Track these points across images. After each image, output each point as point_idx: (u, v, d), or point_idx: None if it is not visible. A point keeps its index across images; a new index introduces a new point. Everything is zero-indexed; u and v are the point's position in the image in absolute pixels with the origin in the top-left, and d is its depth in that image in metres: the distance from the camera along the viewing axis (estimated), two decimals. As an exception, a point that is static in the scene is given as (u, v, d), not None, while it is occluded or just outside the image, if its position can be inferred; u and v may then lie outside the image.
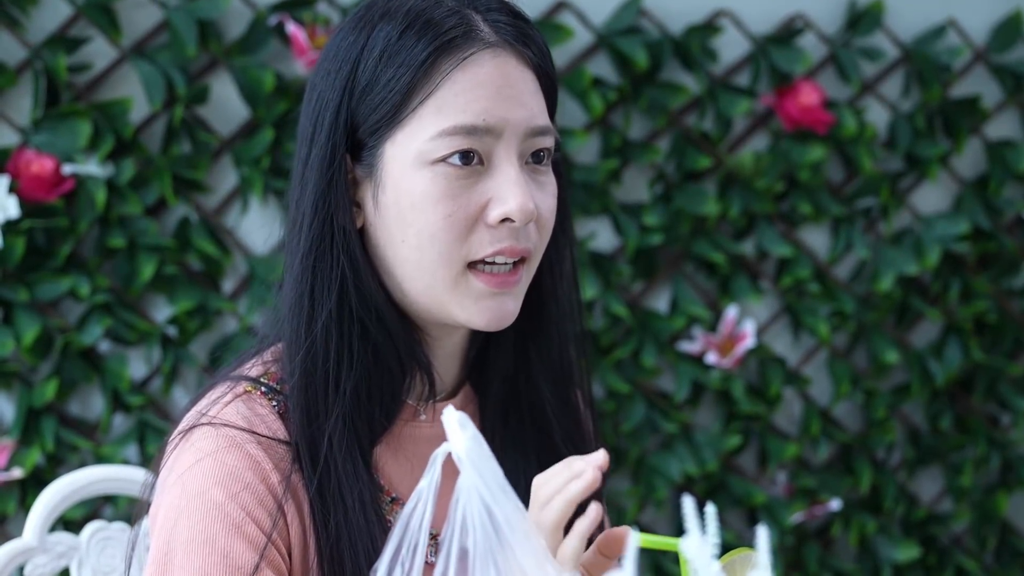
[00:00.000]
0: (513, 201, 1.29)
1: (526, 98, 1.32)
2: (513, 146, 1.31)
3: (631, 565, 0.93)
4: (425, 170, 1.30)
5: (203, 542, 1.27)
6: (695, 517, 0.96)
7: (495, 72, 1.31)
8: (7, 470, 2.21)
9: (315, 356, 1.33)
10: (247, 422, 1.32)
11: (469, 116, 1.30)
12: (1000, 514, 2.74)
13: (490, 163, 1.31)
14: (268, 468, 1.30)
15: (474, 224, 1.31)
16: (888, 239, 2.64)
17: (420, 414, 1.39)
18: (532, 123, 1.32)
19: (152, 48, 2.28)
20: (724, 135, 2.53)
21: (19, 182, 2.20)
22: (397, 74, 1.31)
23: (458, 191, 1.30)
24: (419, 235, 1.31)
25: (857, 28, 2.57)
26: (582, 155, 2.50)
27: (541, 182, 1.34)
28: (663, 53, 2.48)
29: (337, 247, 1.33)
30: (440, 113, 1.30)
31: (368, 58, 1.33)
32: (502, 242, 1.31)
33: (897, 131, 2.63)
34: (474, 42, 1.32)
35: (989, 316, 2.70)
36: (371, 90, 1.32)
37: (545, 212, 1.34)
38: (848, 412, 2.70)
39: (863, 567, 2.67)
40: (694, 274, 2.58)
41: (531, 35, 1.35)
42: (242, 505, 1.28)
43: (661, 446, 2.56)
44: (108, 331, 2.27)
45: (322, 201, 1.33)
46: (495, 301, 1.32)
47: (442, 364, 1.40)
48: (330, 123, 1.34)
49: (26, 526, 1.67)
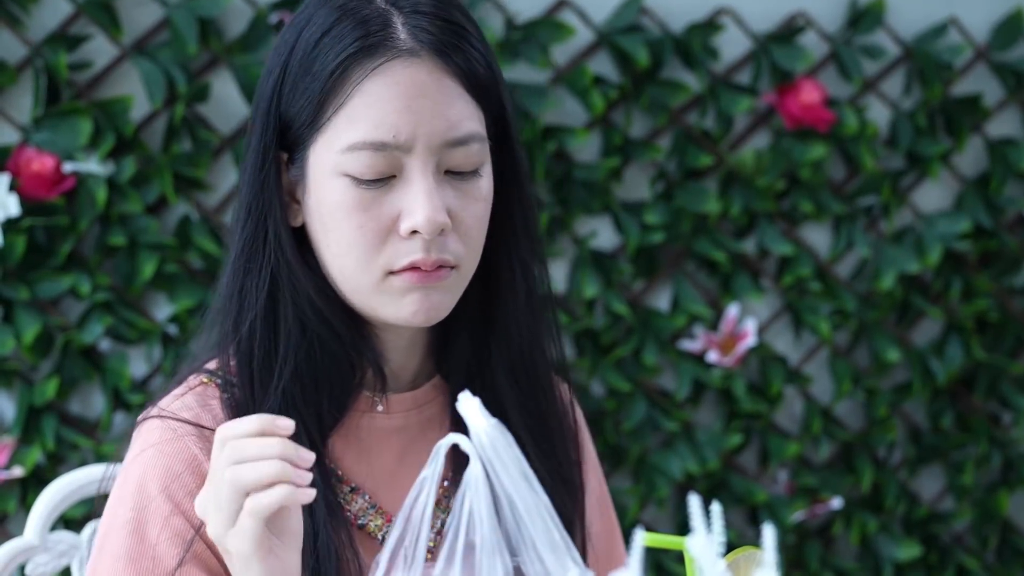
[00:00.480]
0: (421, 214, 1.28)
1: (442, 109, 1.29)
2: (425, 159, 1.29)
3: (636, 564, 0.93)
4: (338, 180, 1.29)
5: (132, 532, 1.30)
6: (700, 516, 0.96)
7: (407, 82, 1.28)
8: (8, 469, 2.21)
9: (246, 354, 1.34)
10: (194, 415, 1.34)
11: (379, 131, 1.28)
12: (1001, 513, 2.74)
13: (403, 175, 1.29)
14: (204, 461, 1.30)
15: (388, 235, 1.30)
16: (889, 237, 2.64)
17: (377, 405, 1.39)
18: (448, 135, 1.29)
19: (153, 46, 2.27)
20: (725, 133, 2.53)
21: (20, 180, 2.19)
22: (312, 83, 1.30)
23: (369, 203, 1.29)
24: (338, 242, 1.31)
25: (858, 26, 2.57)
26: (583, 153, 2.50)
27: (465, 190, 1.31)
28: (664, 51, 2.48)
29: (269, 247, 1.33)
30: (351, 125, 1.28)
31: (293, 60, 1.32)
32: (415, 254, 1.29)
33: (898, 129, 2.62)
34: (387, 50, 1.28)
35: (990, 314, 2.70)
36: (294, 94, 1.31)
37: (468, 220, 1.31)
38: (849, 411, 2.70)
39: (864, 566, 2.66)
40: (695, 272, 2.58)
41: (458, 41, 1.31)
42: (172, 497, 1.30)
43: (662, 445, 2.56)
44: (109, 330, 2.27)
45: (255, 201, 1.33)
46: (421, 294, 1.31)
47: (398, 357, 1.40)
48: (262, 123, 1.33)
49: (27, 525, 1.67)
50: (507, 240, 1.38)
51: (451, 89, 1.29)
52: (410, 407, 1.41)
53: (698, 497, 0.98)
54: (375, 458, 1.39)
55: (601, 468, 1.57)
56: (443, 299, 1.33)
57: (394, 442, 1.40)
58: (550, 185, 2.46)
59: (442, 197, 1.29)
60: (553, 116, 2.46)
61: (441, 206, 1.28)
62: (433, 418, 1.42)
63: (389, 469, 1.40)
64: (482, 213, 1.33)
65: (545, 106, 2.41)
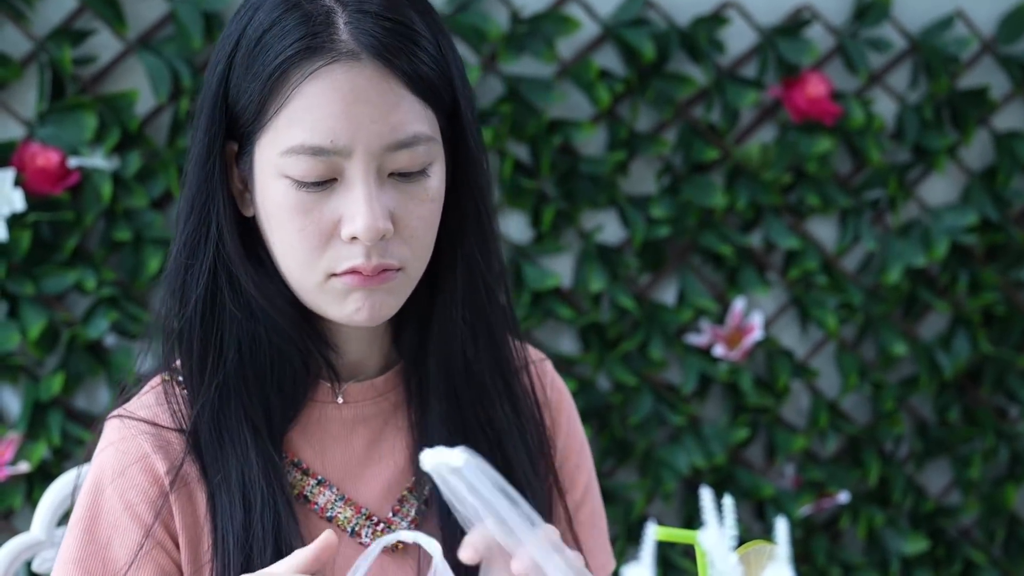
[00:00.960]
0: (360, 222, 1.26)
1: (381, 112, 1.26)
2: (365, 163, 1.27)
3: (648, 558, 0.93)
4: (280, 181, 1.28)
5: (84, 530, 1.32)
6: (712, 509, 0.95)
7: (346, 87, 1.25)
8: (13, 464, 2.20)
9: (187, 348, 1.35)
10: (151, 412, 1.35)
11: (316, 136, 1.25)
12: (1008, 506, 2.74)
13: (343, 178, 1.27)
14: (157, 459, 1.32)
15: (329, 238, 1.28)
16: (896, 231, 2.64)
17: (337, 396, 1.39)
18: (390, 139, 1.27)
19: (158, 40, 2.27)
20: (731, 127, 2.52)
21: (25, 175, 2.19)
22: (254, 82, 1.28)
23: (311, 206, 1.27)
24: (282, 242, 1.30)
25: (864, 19, 2.56)
26: (589, 147, 2.49)
27: (410, 192, 1.30)
28: (670, 45, 2.47)
29: (211, 241, 1.32)
30: (290, 128, 1.26)
31: (239, 53, 1.30)
32: (356, 259, 1.28)
33: (905, 122, 2.62)
34: (326, 52, 1.26)
35: (997, 308, 2.69)
36: (239, 88, 1.29)
37: (414, 222, 1.30)
38: (856, 404, 2.70)
39: (871, 560, 2.66)
40: (701, 266, 2.57)
41: (403, 43, 1.28)
42: (123, 496, 1.32)
43: (669, 439, 2.55)
44: (114, 324, 2.26)
45: (199, 194, 1.32)
46: (363, 294, 1.30)
47: (358, 348, 1.40)
48: (208, 115, 1.31)
49: (34, 520, 1.67)
50: (454, 236, 1.37)
51: (393, 92, 1.27)
52: (370, 396, 1.41)
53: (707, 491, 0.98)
54: (340, 450, 1.39)
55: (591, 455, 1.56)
56: (386, 300, 1.32)
57: (359, 432, 1.40)
58: (556, 179, 2.46)
59: (384, 202, 1.28)
60: (559, 110, 2.46)
61: (382, 212, 1.27)
62: (397, 405, 1.42)
63: (356, 460, 1.40)
64: (428, 214, 1.31)
65: (551, 100, 2.40)
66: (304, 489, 1.37)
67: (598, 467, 2.48)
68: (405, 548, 1.39)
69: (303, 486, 1.37)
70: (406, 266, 1.31)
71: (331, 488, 1.38)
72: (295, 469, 1.37)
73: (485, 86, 2.42)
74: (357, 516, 1.38)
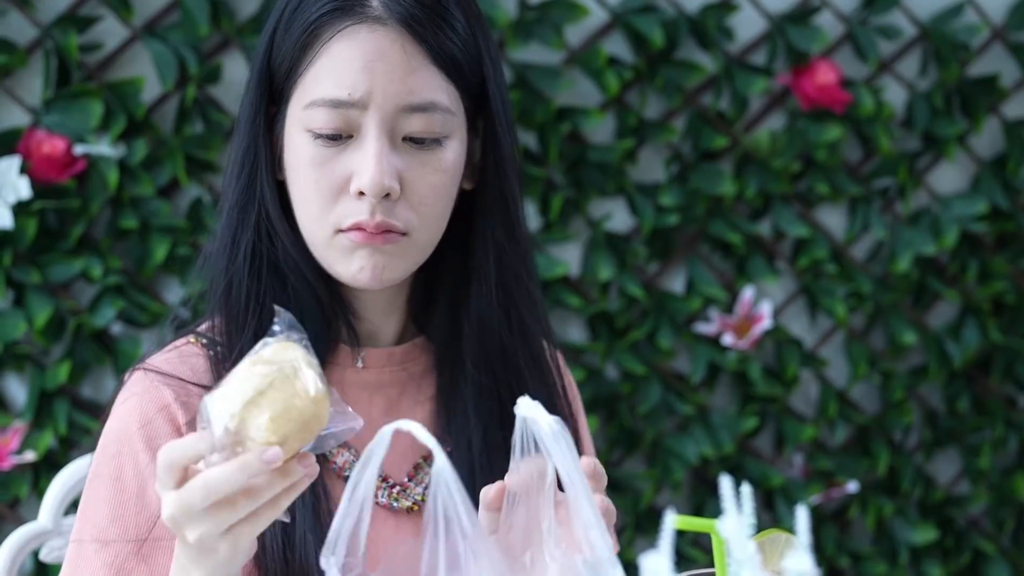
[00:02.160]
0: (367, 176, 1.32)
1: (401, 73, 1.33)
2: (380, 120, 1.33)
3: (667, 547, 0.92)
4: (302, 135, 1.35)
5: (114, 479, 1.35)
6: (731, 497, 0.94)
7: (369, 46, 1.33)
8: (20, 453, 2.19)
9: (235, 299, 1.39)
10: (173, 368, 1.39)
11: (336, 89, 1.33)
12: (1018, 496, 2.73)
13: (359, 135, 1.34)
14: (178, 410, 1.36)
15: (340, 193, 1.35)
16: (905, 219, 2.62)
17: (357, 360, 1.44)
18: (406, 100, 1.33)
19: (164, 27, 2.26)
20: (740, 114, 2.51)
21: (30, 163, 2.18)
22: (289, 40, 1.36)
23: (326, 159, 1.34)
24: (299, 195, 1.37)
25: (874, 6, 2.55)
26: (597, 135, 2.48)
27: (422, 159, 1.35)
28: (679, 32, 2.46)
29: (257, 200, 1.39)
30: (316, 83, 1.34)
31: (282, 19, 1.38)
32: (361, 215, 1.34)
33: (914, 110, 2.60)
34: (354, 15, 1.34)
35: (1007, 296, 2.68)
36: (280, 48, 1.38)
37: (422, 189, 1.35)
38: (865, 394, 2.68)
39: (880, 549, 2.65)
40: (710, 255, 2.56)
41: (433, 17, 1.35)
42: (150, 443, 1.35)
43: (677, 428, 2.54)
44: (120, 313, 2.25)
45: (247, 154, 1.39)
46: (366, 253, 1.35)
47: (376, 316, 1.44)
48: (257, 76, 1.40)
49: (41, 509, 1.67)
50: (483, 222, 1.43)
51: (414, 58, 1.34)
52: (389, 363, 1.45)
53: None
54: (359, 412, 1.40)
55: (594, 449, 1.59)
56: (390, 263, 1.36)
57: (377, 398, 1.45)
58: (564, 167, 2.45)
59: (393, 162, 1.34)
60: (567, 97, 2.44)
61: (390, 170, 1.33)
62: (417, 376, 1.47)
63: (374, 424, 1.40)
64: (439, 184, 1.36)
65: (559, 87, 2.39)
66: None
67: (606, 456, 2.48)
68: (420, 509, 1.42)
69: None
70: (411, 231, 1.36)
71: (350, 449, 1.41)
72: None
73: (493, 73, 2.40)
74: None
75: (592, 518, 1.03)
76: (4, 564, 1.64)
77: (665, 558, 0.90)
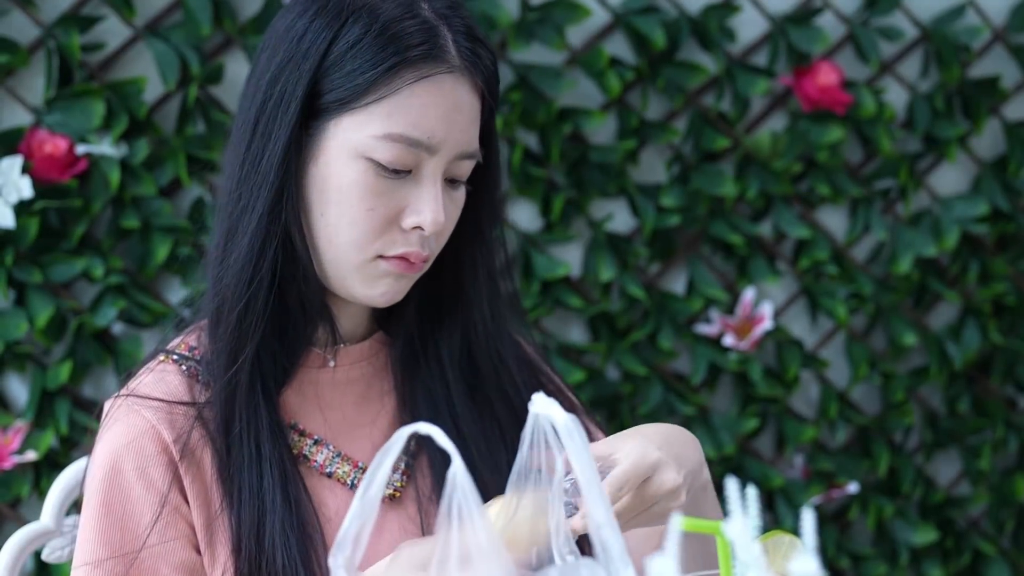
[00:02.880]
0: (429, 214, 1.42)
1: (467, 124, 1.44)
2: (442, 165, 1.43)
3: (673, 549, 0.92)
4: (360, 162, 1.41)
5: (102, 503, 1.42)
6: (738, 498, 0.94)
7: (451, 95, 1.42)
8: (21, 453, 2.19)
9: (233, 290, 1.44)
10: (150, 389, 1.46)
11: (417, 131, 1.41)
12: (1018, 497, 2.73)
13: (418, 172, 1.43)
14: (163, 429, 1.43)
15: (390, 224, 1.42)
16: (906, 220, 2.62)
17: (329, 361, 1.52)
18: (465, 148, 1.44)
19: (166, 27, 2.26)
20: (742, 115, 2.51)
21: (32, 162, 2.18)
22: (362, 67, 1.41)
23: (384, 190, 1.41)
24: (339, 217, 1.42)
25: (876, 7, 2.55)
26: (599, 136, 2.48)
27: (453, 196, 1.47)
28: (680, 32, 2.46)
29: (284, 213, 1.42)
30: (390, 117, 1.40)
31: (344, 40, 1.41)
32: (411, 247, 1.43)
33: (916, 111, 2.60)
34: (440, 62, 1.42)
35: (1007, 298, 2.68)
36: (336, 70, 1.41)
37: (449, 224, 1.47)
38: (866, 395, 2.69)
39: (880, 550, 2.65)
40: (711, 256, 2.56)
41: (486, 62, 1.46)
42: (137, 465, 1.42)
43: (678, 429, 2.54)
44: (122, 313, 2.25)
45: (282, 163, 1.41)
46: (394, 279, 1.45)
47: (351, 319, 1.54)
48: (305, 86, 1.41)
49: (43, 509, 1.67)
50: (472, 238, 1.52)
51: (476, 109, 1.45)
52: (358, 360, 1.55)
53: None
54: (333, 410, 1.52)
55: None
56: (406, 287, 1.48)
57: (348, 394, 1.53)
58: (565, 167, 2.45)
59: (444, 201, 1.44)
60: (569, 98, 2.44)
61: (443, 210, 1.43)
62: (380, 369, 1.57)
63: (348, 419, 1.53)
64: (457, 216, 1.48)
65: (561, 88, 2.39)
66: (303, 448, 1.49)
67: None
68: (403, 497, 1.50)
69: (301, 446, 1.49)
70: (430, 257, 1.47)
71: (328, 446, 1.49)
72: (292, 431, 1.49)
73: (495, 74, 2.40)
74: (355, 470, 1.50)
75: (605, 517, 1.03)
76: (6, 564, 1.64)
77: (672, 560, 0.90)
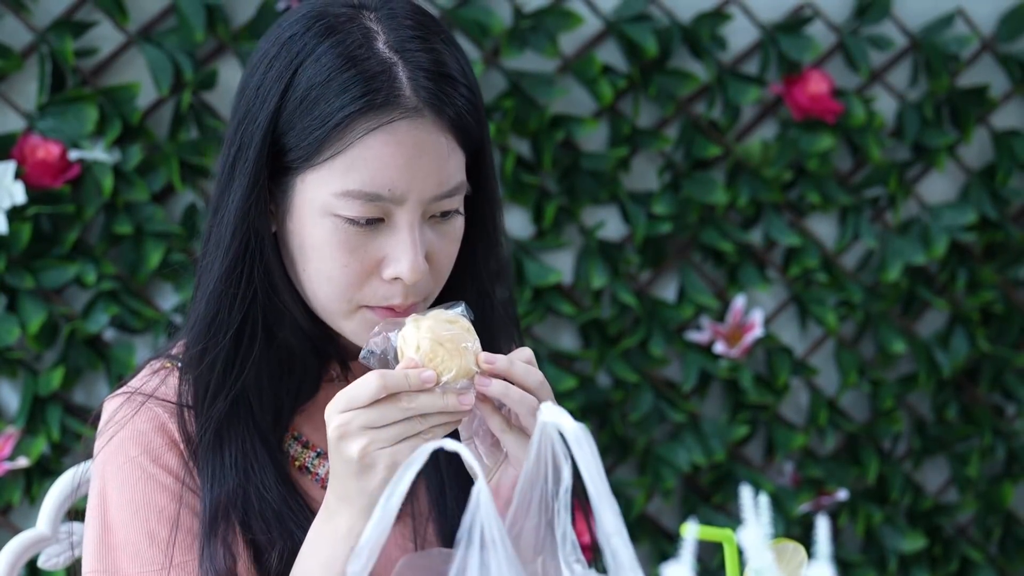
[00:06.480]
0: (405, 264, 1.34)
1: (436, 165, 1.34)
2: (414, 211, 1.34)
3: (688, 557, 0.92)
4: (327, 219, 1.34)
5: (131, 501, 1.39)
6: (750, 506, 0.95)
7: (409, 142, 1.32)
8: (12, 459, 2.19)
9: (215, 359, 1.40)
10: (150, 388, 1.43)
11: (374, 185, 1.32)
12: (1005, 504, 2.74)
13: (391, 221, 1.35)
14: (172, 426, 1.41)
15: (369, 275, 1.36)
16: (895, 229, 2.64)
17: (335, 379, 1.48)
18: (440, 190, 1.34)
19: (159, 33, 2.25)
20: (733, 123, 2.52)
21: (25, 168, 2.17)
22: (311, 125, 1.33)
23: (356, 245, 1.34)
24: (317, 272, 1.37)
25: (865, 16, 2.56)
26: (591, 143, 2.48)
27: (442, 231, 1.38)
28: (672, 40, 2.47)
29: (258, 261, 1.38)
30: (348, 172, 1.32)
31: (293, 93, 1.34)
32: (393, 298, 1.36)
33: (905, 120, 2.62)
34: (394, 108, 1.32)
35: (996, 306, 2.69)
36: (290, 126, 1.34)
37: (443, 259, 1.39)
38: (855, 402, 2.69)
39: (869, 557, 2.66)
40: (702, 263, 2.57)
41: (454, 93, 1.35)
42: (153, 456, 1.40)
43: (669, 436, 2.55)
44: (114, 319, 2.25)
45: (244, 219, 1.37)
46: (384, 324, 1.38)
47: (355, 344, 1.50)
48: (260, 141, 1.35)
49: (39, 516, 1.66)
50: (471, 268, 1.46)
51: (445, 146, 1.34)
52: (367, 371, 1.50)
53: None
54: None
55: None
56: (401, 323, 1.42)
57: None
58: (557, 175, 2.45)
59: (424, 244, 1.36)
60: (561, 105, 2.45)
61: (420, 257, 1.35)
62: None
63: None
64: (454, 250, 1.40)
65: (553, 95, 2.39)
66: (305, 461, 1.46)
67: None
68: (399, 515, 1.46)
69: (304, 458, 1.46)
70: (428, 296, 1.40)
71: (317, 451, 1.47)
72: (296, 443, 1.46)
73: (487, 81, 2.41)
74: None
75: (615, 526, 1.03)
76: (3, 571, 1.63)
77: (687, 569, 0.91)
